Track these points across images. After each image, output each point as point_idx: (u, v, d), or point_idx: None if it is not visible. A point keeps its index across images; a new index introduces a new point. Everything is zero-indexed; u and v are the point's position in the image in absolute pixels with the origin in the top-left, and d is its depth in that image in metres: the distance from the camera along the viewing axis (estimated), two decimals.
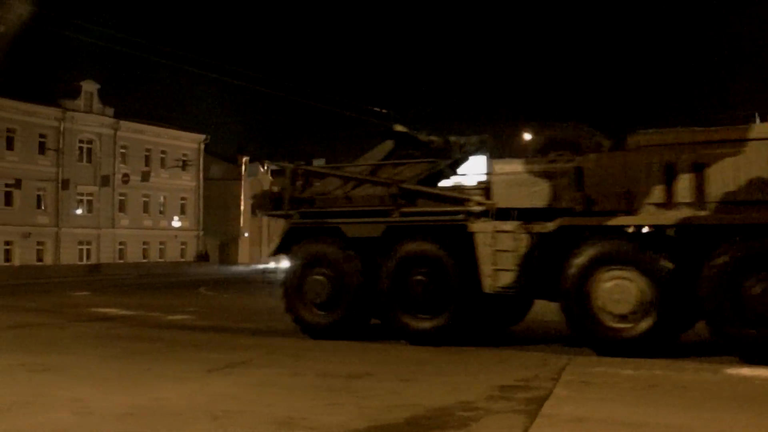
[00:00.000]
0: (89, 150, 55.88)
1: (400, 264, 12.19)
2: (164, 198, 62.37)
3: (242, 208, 67.82)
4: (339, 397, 7.86)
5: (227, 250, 67.84)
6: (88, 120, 55.29)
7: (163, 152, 61.81)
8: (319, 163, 43.22)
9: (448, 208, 12.24)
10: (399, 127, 14.57)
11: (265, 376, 9.23)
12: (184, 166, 61.64)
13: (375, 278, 12.45)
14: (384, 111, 39.09)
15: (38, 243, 52.33)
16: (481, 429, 6.54)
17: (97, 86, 56.15)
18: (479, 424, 6.69)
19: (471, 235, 11.62)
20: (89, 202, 56.09)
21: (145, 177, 51.14)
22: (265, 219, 70.70)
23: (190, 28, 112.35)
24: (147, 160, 59.95)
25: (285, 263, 48.67)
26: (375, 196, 12.97)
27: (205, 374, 9.27)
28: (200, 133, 64.94)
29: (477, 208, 11.88)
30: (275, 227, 71.09)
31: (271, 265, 60.93)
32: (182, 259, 62.19)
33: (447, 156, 13.74)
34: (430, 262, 11.96)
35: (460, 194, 12.35)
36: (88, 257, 55.73)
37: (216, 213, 65.87)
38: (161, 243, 61.95)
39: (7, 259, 50.29)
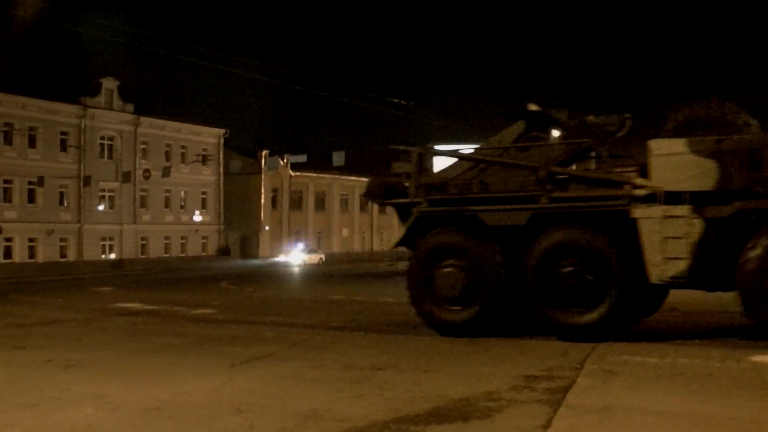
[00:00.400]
0: (110, 146, 56.27)
1: (548, 254, 11.17)
2: (185, 193, 62.70)
3: (262, 201, 68.02)
4: (362, 388, 7.87)
5: (248, 244, 68.08)
6: (109, 117, 55.66)
7: (183, 147, 62.12)
8: (338, 156, 43.31)
9: (605, 193, 11.27)
10: (533, 107, 13.37)
11: (288, 369, 9.25)
12: (204, 160, 61.87)
13: (516, 270, 11.48)
14: (403, 102, 39.09)
15: (61, 239, 52.82)
16: (505, 419, 6.52)
17: (117, 83, 56.54)
18: (503, 414, 6.67)
19: (633, 222, 10.77)
20: (111, 198, 56.50)
21: (166, 172, 51.42)
22: (285, 213, 71.00)
23: (208, 24, 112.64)
24: (167, 156, 60.29)
25: (299, 256, 48.29)
26: (515, 180, 11.94)
27: (228, 368, 9.30)
28: (220, 128, 65.20)
29: (640, 192, 10.89)
30: (295, 221, 71.32)
31: (284, 257, 61.45)
32: (204, 254, 62.55)
33: (590, 136, 12.37)
34: (582, 252, 10.98)
35: (619, 177, 11.37)
36: (110, 253, 56.16)
37: (236, 207, 66.13)
38: (183, 238, 62.32)
39: (31, 255, 50.80)
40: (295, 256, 61.88)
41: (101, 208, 55.69)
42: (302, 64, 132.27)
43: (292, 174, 70.09)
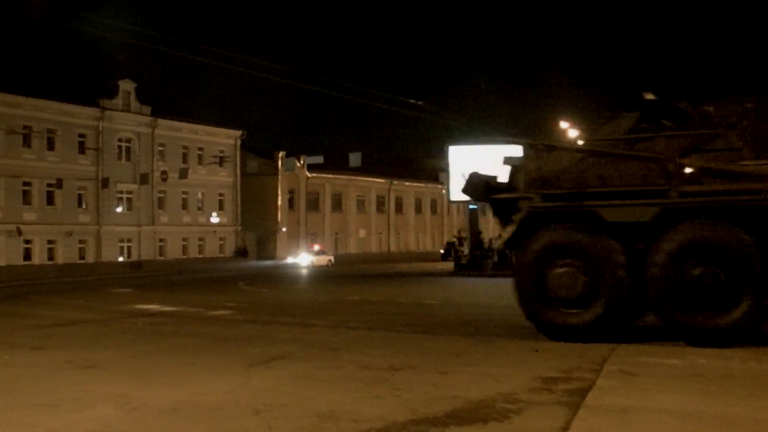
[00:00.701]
0: (128, 149, 56.57)
1: (677, 252, 10.39)
2: (202, 194, 62.93)
3: (279, 202, 68.16)
4: (380, 389, 7.86)
5: (265, 245, 68.24)
6: (126, 119, 55.96)
7: (200, 149, 62.36)
8: (355, 157, 43.28)
9: (746, 186, 10.39)
10: (649, 95, 12.75)
11: (306, 370, 9.26)
12: (221, 162, 62.10)
13: (639, 269, 10.70)
14: (419, 103, 39.05)
15: (80, 241, 53.14)
16: (524, 421, 6.50)
17: (135, 85, 56.82)
18: (521, 416, 6.64)
19: None
20: (129, 200, 56.79)
21: (183, 174, 51.61)
22: (302, 213, 71.12)
23: (224, 25, 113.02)
24: (184, 157, 60.52)
25: (307, 258, 48.09)
26: (637, 173, 11.03)
27: (246, 368, 9.32)
28: (236, 129, 65.41)
29: None
30: (312, 221, 71.37)
31: (291, 259, 61.56)
32: (221, 255, 62.72)
33: (712, 127, 11.44)
34: (717, 250, 10.22)
35: (761, 170, 10.41)
36: (128, 254, 56.48)
37: (253, 208, 66.29)
38: (200, 239, 62.55)
39: (50, 257, 51.13)
40: (304, 258, 62.06)
41: (119, 209, 55.98)
42: (319, 65, 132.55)
43: (309, 175, 70.19)
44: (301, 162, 63.51)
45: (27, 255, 49.92)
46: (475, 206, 40.43)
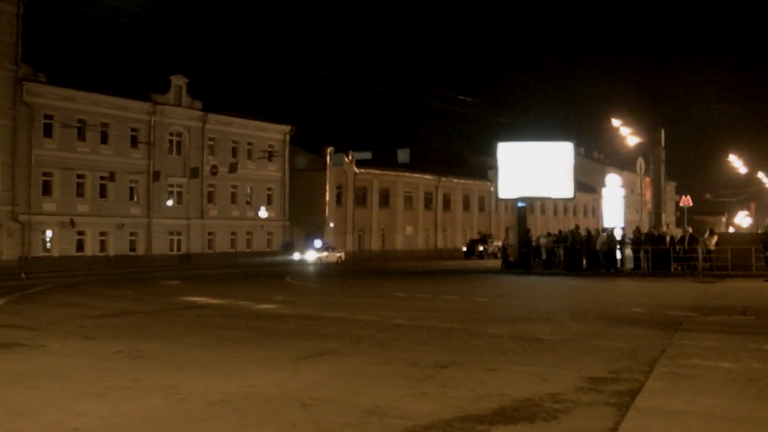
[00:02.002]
0: (179, 143, 57.25)
1: None
2: (251, 189, 63.42)
3: (327, 198, 68.41)
4: (426, 386, 7.83)
5: (313, 240, 68.55)
6: (178, 113, 56.66)
7: (249, 144, 62.83)
8: (403, 152, 43.23)
9: None
10: None
11: (352, 365, 9.27)
12: (270, 157, 62.51)
13: None
14: (470, 100, 38.82)
15: (131, 233, 53.95)
16: (571, 421, 6.41)
17: (186, 80, 57.48)
18: (569, 416, 6.55)
19: None
20: (179, 193, 57.48)
21: (233, 168, 52.07)
22: (350, 209, 71.29)
23: (274, 21, 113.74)
24: (234, 152, 61.03)
25: (313, 254, 47.02)
26: None
27: (293, 362, 9.36)
28: (286, 125, 65.77)
29: None
30: (359, 217, 71.43)
31: (298, 255, 58.53)
32: (268, 249, 63.16)
33: None
34: None
35: None
36: (178, 247, 57.18)
37: (301, 203, 66.62)
38: (248, 233, 63.05)
39: (102, 249, 52.02)
40: (310, 254, 57.85)
41: (170, 203, 56.69)
42: (368, 61, 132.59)
43: (357, 171, 70.33)
44: (350, 157, 63.67)
45: (80, 246, 50.83)
46: (524, 204, 40.12)
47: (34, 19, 51.55)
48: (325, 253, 58.18)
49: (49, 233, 49.30)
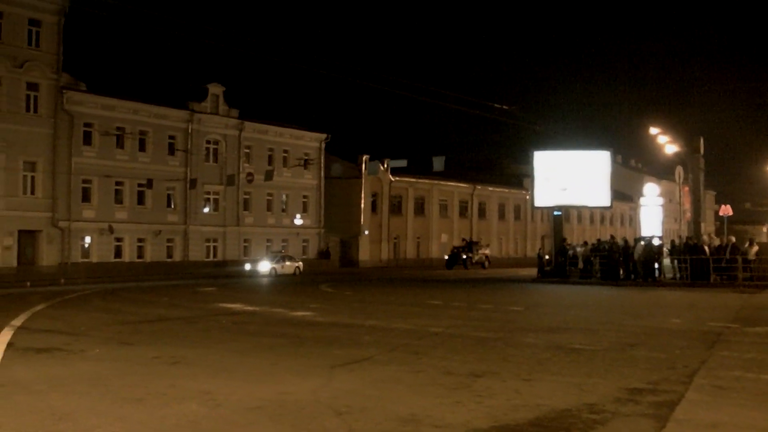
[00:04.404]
0: (215, 150, 57.73)
1: None
2: (287, 196, 63.70)
3: (362, 206, 68.49)
4: (461, 395, 7.79)
5: (348, 248, 68.65)
6: (215, 121, 57.16)
7: (285, 151, 63.14)
8: (439, 161, 43.04)
9: None
10: None
11: (387, 373, 9.25)
12: (306, 164, 62.74)
13: None
14: (506, 107, 38.64)
15: (168, 240, 54.44)
16: None
17: (223, 88, 57.98)
18: (607, 427, 6.47)
19: None
20: (215, 200, 57.93)
21: (269, 176, 52.37)
22: (385, 217, 71.34)
23: (309, 29, 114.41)
24: (270, 160, 61.37)
25: (267, 265, 45.15)
26: None
27: (328, 370, 9.37)
28: (321, 132, 66.01)
29: None
30: (394, 225, 71.45)
31: (248, 266, 53.72)
32: (304, 256, 63.37)
33: None
34: None
35: None
36: (214, 254, 57.60)
37: (337, 211, 66.77)
38: (284, 240, 63.29)
39: (140, 255, 52.57)
40: (263, 265, 51.63)
41: (206, 210, 57.14)
42: (405, 70, 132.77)
43: (392, 179, 70.33)
44: (385, 165, 63.76)
45: (118, 252, 51.42)
46: (560, 212, 39.83)
47: (75, 29, 52.31)
48: (280, 264, 52.02)
49: (88, 239, 49.94)
